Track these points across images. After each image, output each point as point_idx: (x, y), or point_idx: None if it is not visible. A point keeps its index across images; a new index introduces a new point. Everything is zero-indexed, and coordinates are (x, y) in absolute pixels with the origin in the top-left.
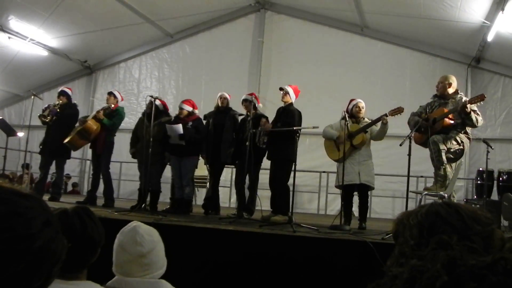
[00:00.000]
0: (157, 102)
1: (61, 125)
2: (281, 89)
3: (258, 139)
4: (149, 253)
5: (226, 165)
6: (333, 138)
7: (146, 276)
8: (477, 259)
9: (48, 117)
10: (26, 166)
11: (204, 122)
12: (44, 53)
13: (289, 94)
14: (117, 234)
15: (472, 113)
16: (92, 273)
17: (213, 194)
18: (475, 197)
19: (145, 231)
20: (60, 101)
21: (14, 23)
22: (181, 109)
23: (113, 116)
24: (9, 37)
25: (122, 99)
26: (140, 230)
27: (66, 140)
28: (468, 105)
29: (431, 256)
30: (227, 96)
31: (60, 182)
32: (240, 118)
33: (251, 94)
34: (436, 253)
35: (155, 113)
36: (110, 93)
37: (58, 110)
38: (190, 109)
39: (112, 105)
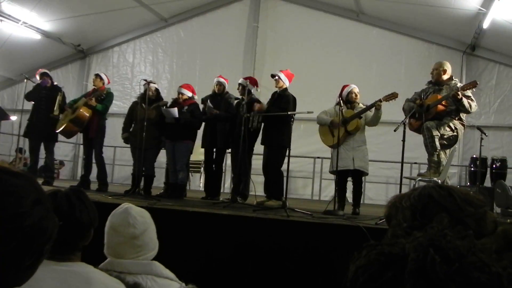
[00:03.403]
0: (154, 85)
1: (50, 107)
2: (272, 76)
3: (251, 124)
4: (142, 234)
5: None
6: (327, 124)
7: (139, 258)
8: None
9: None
10: (19, 151)
11: (201, 105)
12: (37, 36)
13: (281, 79)
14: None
15: (464, 99)
16: (86, 255)
17: (213, 177)
18: (468, 183)
19: (137, 212)
20: (40, 80)
21: (6, 5)
22: (181, 93)
23: (103, 99)
24: (1, 20)
25: (108, 82)
26: (132, 211)
27: (59, 129)
28: (460, 92)
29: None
30: (224, 81)
31: (52, 165)
32: (236, 102)
33: (246, 79)
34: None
35: (153, 97)
36: (97, 75)
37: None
38: (190, 94)
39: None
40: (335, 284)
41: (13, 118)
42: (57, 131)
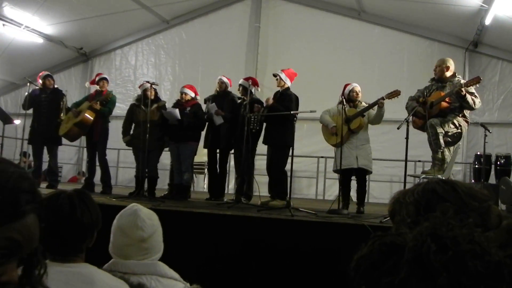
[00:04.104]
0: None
1: (52, 111)
2: (274, 75)
3: (253, 124)
4: (150, 237)
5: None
6: (329, 127)
7: (145, 260)
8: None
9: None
10: (24, 154)
11: (204, 105)
12: (40, 40)
13: (282, 79)
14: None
15: (467, 95)
16: (90, 256)
17: (217, 179)
18: (473, 181)
19: (146, 215)
20: (46, 83)
21: (8, 10)
22: (184, 93)
23: (107, 102)
24: (3, 24)
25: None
26: (141, 214)
27: (62, 132)
28: (463, 88)
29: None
30: (225, 80)
31: (56, 169)
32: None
33: (247, 79)
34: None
35: (154, 97)
36: (106, 79)
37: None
38: (193, 94)
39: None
40: (340, 282)
41: (17, 122)
42: (60, 135)
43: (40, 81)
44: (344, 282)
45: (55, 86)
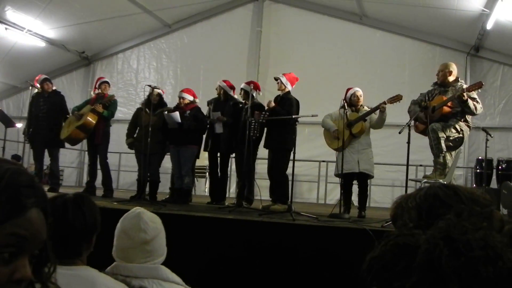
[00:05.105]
0: (157, 90)
1: (51, 113)
2: (275, 79)
3: (253, 132)
4: (153, 240)
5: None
6: (331, 131)
7: (147, 263)
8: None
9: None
10: (16, 157)
11: (207, 108)
12: (42, 44)
13: (283, 83)
14: (117, 223)
15: (469, 100)
16: (93, 259)
17: (218, 183)
18: (474, 185)
19: (149, 218)
20: (44, 87)
21: (11, 14)
22: (182, 98)
23: (108, 106)
24: (6, 28)
25: None
26: (145, 216)
27: (64, 136)
28: (465, 93)
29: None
30: (224, 84)
31: (57, 171)
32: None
33: (249, 83)
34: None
35: (158, 102)
36: (107, 83)
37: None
38: (191, 98)
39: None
40: (342, 286)
41: (19, 125)
42: (62, 138)
43: (38, 85)
44: (346, 285)
45: (53, 88)
